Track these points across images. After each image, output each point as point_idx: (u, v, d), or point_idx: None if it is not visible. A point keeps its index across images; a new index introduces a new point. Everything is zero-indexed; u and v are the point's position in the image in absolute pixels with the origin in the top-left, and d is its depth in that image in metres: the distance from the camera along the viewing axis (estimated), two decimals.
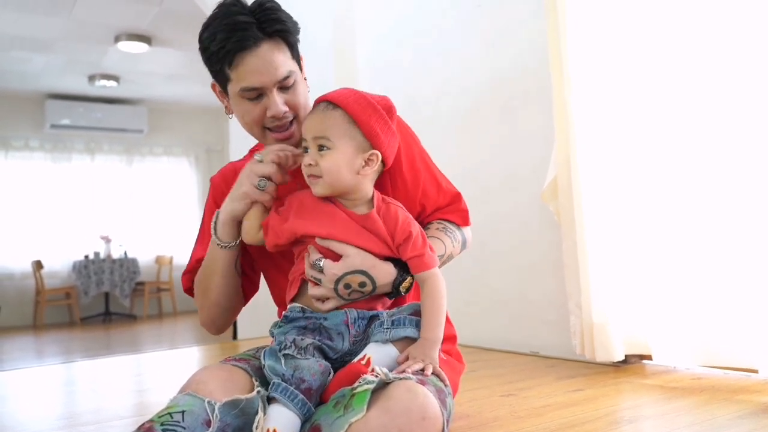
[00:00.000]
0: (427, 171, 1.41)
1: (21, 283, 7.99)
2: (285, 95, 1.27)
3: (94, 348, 5.58)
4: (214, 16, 1.25)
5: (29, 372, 3.15)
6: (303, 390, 1.07)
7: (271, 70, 1.23)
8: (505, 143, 2.85)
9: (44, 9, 5.47)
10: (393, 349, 1.14)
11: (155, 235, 8.82)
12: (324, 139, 1.17)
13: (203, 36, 1.25)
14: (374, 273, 1.17)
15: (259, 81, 1.23)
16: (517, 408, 1.74)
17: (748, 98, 1.95)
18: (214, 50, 1.23)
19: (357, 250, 1.18)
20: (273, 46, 1.23)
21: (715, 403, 1.71)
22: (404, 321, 1.16)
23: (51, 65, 6.97)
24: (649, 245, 2.18)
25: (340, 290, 1.17)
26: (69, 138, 8.42)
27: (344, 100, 1.18)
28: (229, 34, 1.20)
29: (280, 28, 1.24)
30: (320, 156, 1.17)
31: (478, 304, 2.93)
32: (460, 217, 1.46)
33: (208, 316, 1.38)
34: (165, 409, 1.06)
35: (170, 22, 5.88)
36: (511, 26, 2.81)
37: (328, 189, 1.19)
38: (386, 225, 1.20)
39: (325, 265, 1.17)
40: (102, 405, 2.18)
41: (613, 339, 2.19)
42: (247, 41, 1.21)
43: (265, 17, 1.22)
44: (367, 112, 1.18)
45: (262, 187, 1.21)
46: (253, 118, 1.27)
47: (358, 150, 1.18)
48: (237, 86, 1.25)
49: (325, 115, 1.17)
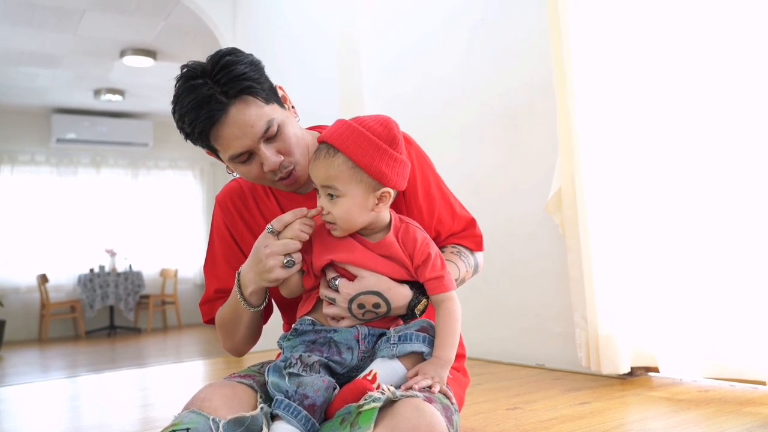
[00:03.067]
0: (443, 197, 1.41)
1: (26, 296, 8.01)
2: (274, 144, 1.25)
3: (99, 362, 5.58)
4: (177, 94, 1.21)
5: (34, 386, 3.15)
6: (306, 406, 1.07)
7: (248, 131, 1.20)
8: (509, 156, 2.86)
9: (51, 25, 5.53)
10: (399, 365, 1.13)
11: (160, 249, 8.83)
12: (331, 188, 1.14)
13: (175, 118, 1.24)
14: (389, 295, 1.18)
15: (243, 145, 1.21)
16: (523, 421, 1.73)
17: (755, 109, 1.95)
18: (189, 132, 1.22)
19: (372, 273, 1.19)
20: (242, 107, 1.19)
21: (722, 416, 1.70)
22: (411, 336, 1.15)
23: (57, 80, 7.03)
24: (655, 257, 2.18)
25: (354, 310, 1.18)
26: (75, 152, 8.47)
27: (344, 142, 1.14)
28: (197, 113, 1.18)
29: (243, 86, 1.19)
30: (332, 204, 1.15)
31: (483, 317, 2.92)
32: (474, 243, 1.46)
33: (233, 348, 1.41)
34: (169, 426, 1.05)
35: (175, 36, 5.93)
36: (516, 41, 2.82)
37: (345, 232, 1.19)
38: (405, 246, 1.20)
39: (341, 284, 1.18)
40: (107, 420, 2.18)
41: (619, 351, 2.18)
42: (214, 114, 1.18)
43: (225, 78, 1.18)
44: (368, 153, 1.14)
45: (291, 265, 1.19)
46: (255, 176, 1.28)
47: (368, 190, 1.16)
48: (225, 155, 1.25)
49: (328, 163, 1.14)
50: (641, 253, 2.21)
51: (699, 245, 2.07)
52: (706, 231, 2.06)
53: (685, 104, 2.11)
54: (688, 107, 2.10)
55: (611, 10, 2.27)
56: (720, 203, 2.02)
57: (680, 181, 2.12)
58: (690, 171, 2.10)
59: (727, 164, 2.01)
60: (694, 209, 2.09)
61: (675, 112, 2.14)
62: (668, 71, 2.15)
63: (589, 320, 2.25)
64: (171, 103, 1.24)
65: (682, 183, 2.12)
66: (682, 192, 2.12)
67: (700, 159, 2.07)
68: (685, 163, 2.11)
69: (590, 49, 2.29)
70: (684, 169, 2.11)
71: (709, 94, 2.05)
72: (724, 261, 2.01)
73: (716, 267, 2.02)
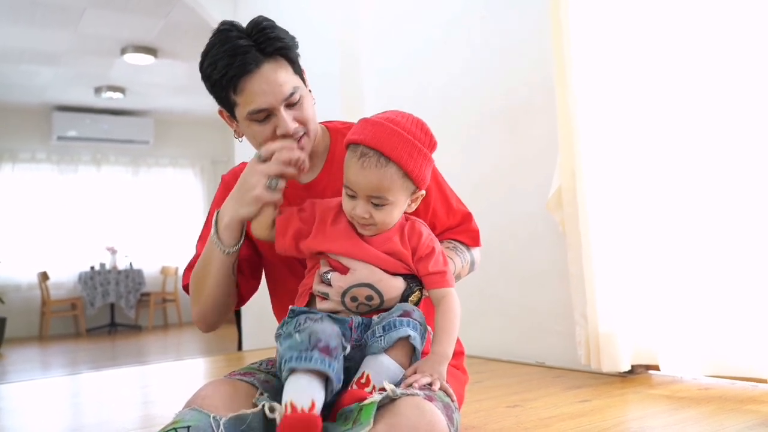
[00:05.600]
0: (439, 190, 1.41)
1: (27, 294, 8.01)
2: (293, 112, 1.26)
3: (99, 359, 5.59)
4: (212, 43, 1.24)
5: (35, 384, 3.15)
6: (320, 348, 1.04)
7: (276, 89, 1.22)
8: (510, 154, 2.86)
9: (52, 23, 5.52)
10: (389, 360, 1.12)
11: (161, 246, 8.83)
12: (381, 198, 1.13)
13: (204, 65, 1.25)
14: (381, 287, 1.18)
15: (266, 102, 1.23)
16: (523, 419, 1.73)
17: (756, 108, 1.95)
18: (217, 78, 1.23)
19: (365, 264, 1.18)
20: (275, 66, 1.23)
21: (723, 414, 1.70)
22: (395, 323, 1.13)
23: (58, 78, 7.03)
24: (655, 255, 2.18)
25: (348, 303, 1.18)
26: (75, 149, 8.47)
27: (395, 151, 1.12)
28: (230, 60, 1.20)
29: (279, 46, 1.23)
30: (376, 211, 1.15)
31: (483, 315, 2.93)
32: (470, 238, 1.45)
33: (200, 312, 1.36)
34: (170, 424, 1.05)
35: (176, 34, 5.93)
36: (516, 40, 2.82)
37: (378, 233, 1.19)
38: (410, 240, 1.21)
39: (333, 278, 1.18)
40: (108, 417, 2.18)
41: (619, 349, 2.18)
42: (248, 65, 1.20)
43: (263, 38, 1.22)
44: (418, 163, 1.14)
45: (273, 186, 1.21)
46: (265, 138, 1.27)
47: (409, 195, 1.18)
48: (245, 110, 1.25)
49: (381, 173, 1.12)
50: (641, 251, 2.21)
51: (699, 243, 2.07)
52: (706, 229, 2.06)
53: (686, 103, 2.11)
54: (688, 106, 2.10)
55: (612, 9, 2.27)
56: (720, 201, 2.02)
57: (680, 179, 2.12)
58: (690, 169, 2.10)
59: (727, 162, 2.01)
60: (694, 207, 2.09)
61: (675, 110, 2.14)
62: (668, 70, 2.15)
63: (590, 318, 2.25)
64: (202, 56, 1.26)
65: (682, 181, 2.12)
66: (682, 190, 2.11)
67: (701, 157, 2.07)
68: (685, 161, 2.11)
69: (590, 48, 2.29)
70: (684, 167, 2.11)
71: (709, 92, 2.05)
72: (725, 259, 2.01)
73: (716, 265, 2.03)
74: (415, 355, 1.16)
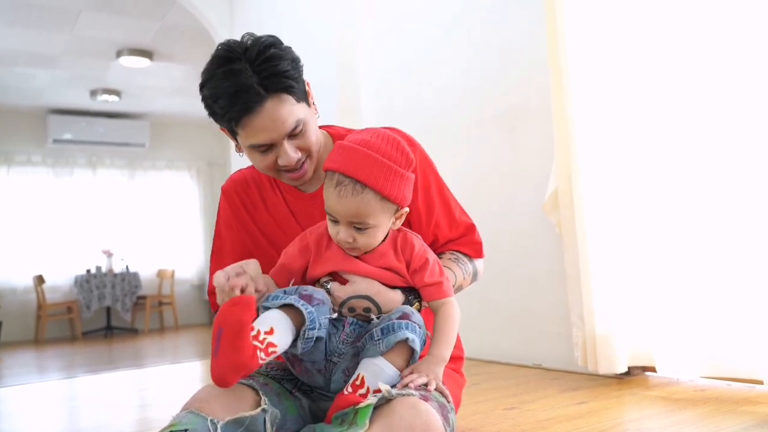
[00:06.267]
0: (442, 201, 1.41)
1: (23, 297, 7.98)
2: (296, 141, 1.26)
3: (96, 362, 5.56)
4: (213, 72, 1.21)
5: (31, 388, 3.14)
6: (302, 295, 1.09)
7: (278, 125, 1.21)
8: (506, 156, 2.86)
9: (47, 25, 5.51)
10: (385, 363, 1.12)
11: (157, 249, 8.81)
12: (362, 223, 1.13)
13: (204, 93, 1.23)
14: (379, 299, 1.18)
15: (268, 138, 1.23)
16: (520, 421, 1.73)
17: (753, 109, 1.96)
18: (218, 113, 1.22)
19: (364, 278, 1.19)
20: (277, 103, 1.20)
21: (719, 415, 1.70)
22: (394, 326, 1.13)
23: (54, 80, 7.01)
24: (651, 256, 2.18)
25: (345, 314, 1.19)
26: (71, 152, 8.45)
27: (370, 176, 1.11)
28: (233, 99, 1.18)
29: (284, 85, 1.20)
30: (359, 233, 1.15)
31: (480, 317, 2.93)
32: (473, 249, 1.45)
33: None
34: (168, 427, 1.05)
35: (172, 36, 5.92)
36: (513, 42, 2.83)
37: (363, 253, 1.20)
38: (403, 253, 1.21)
39: (332, 288, 1.19)
40: (104, 420, 2.17)
41: (616, 351, 2.19)
42: (251, 104, 1.18)
43: (266, 72, 1.18)
44: (395, 184, 1.13)
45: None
46: (266, 166, 1.28)
47: (391, 215, 1.17)
48: (246, 142, 1.25)
49: (358, 201, 1.11)
50: (638, 252, 2.22)
51: (696, 245, 2.08)
52: (702, 231, 2.06)
53: (682, 104, 2.11)
54: (684, 107, 2.11)
55: (608, 11, 2.28)
56: (716, 203, 2.03)
57: (677, 181, 2.13)
58: (687, 170, 2.10)
59: (724, 164, 2.02)
60: (690, 209, 2.09)
61: (672, 112, 2.14)
62: (665, 71, 2.15)
63: (586, 320, 2.25)
64: (202, 76, 1.23)
65: (679, 183, 2.12)
66: (679, 192, 2.12)
67: (697, 158, 2.08)
68: (681, 163, 2.12)
69: (586, 50, 2.30)
70: (681, 168, 2.12)
71: (706, 94, 2.06)
72: (721, 260, 2.01)
73: (713, 266, 2.03)
74: (414, 358, 1.16)
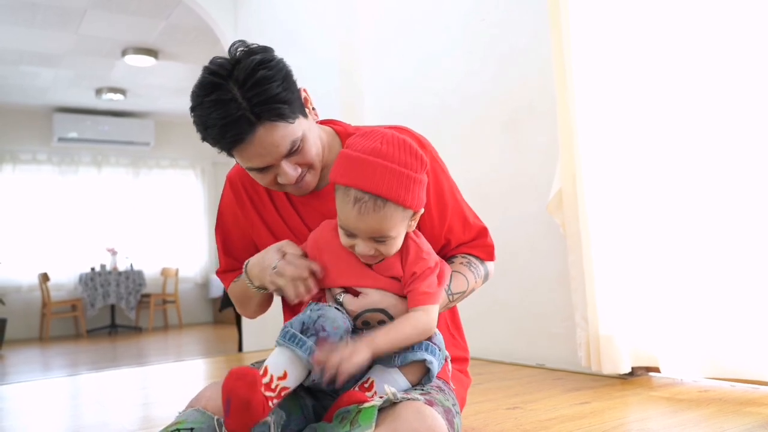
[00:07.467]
0: (455, 205, 1.38)
1: (27, 295, 8.01)
2: (294, 158, 1.22)
3: (100, 360, 5.58)
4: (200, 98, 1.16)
5: (35, 385, 3.15)
6: (318, 340, 1.04)
7: (272, 150, 1.17)
8: (510, 157, 2.86)
9: (52, 24, 5.53)
10: (399, 375, 1.11)
11: (161, 248, 8.84)
12: (384, 237, 1.10)
13: (194, 118, 1.19)
14: (394, 312, 1.15)
15: (263, 162, 1.20)
16: (523, 421, 1.73)
17: (755, 110, 1.95)
18: (210, 141, 1.19)
19: (377, 290, 1.16)
20: (270, 129, 1.15)
21: (723, 416, 1.70)
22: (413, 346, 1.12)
23: (59, 79, 7.04)
24: (655, 257, 2.18)
25: (358, 326, 1.16)
26: (76, 151, 8.48)
27: (389, 190, 1.06)
28: (222, 130, 1.14)
29: (276, 112, 1.14)
30: (380, 245, 1.11)
31: (484, 317, 2.93)
32: (485, 252, 1.43)
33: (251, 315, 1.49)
34: (173, 424, 1.06)
35: (177, 36, 5.94)
36: (516, 42, 2.83)
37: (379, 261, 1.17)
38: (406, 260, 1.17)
39: (345, 301, 1.16)
40: (108, 418, 2.18)
41: (619, 351, 2.18)
42: (242, 134, 1.14)
43: (256, 99, 1.12)
44: (415, 191, 1.09)
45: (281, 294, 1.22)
46: (267, 183, 1.26)
47: (408, 220, 1.14)
48: (243, 165, 1.23)
49: (381, 216, 1.07)
50: (642, 253, 2.21)
51: (699, 245, 2.07)
52: (706, 231, 2.06)
53: (686, 105, 2.11)
54: (688, 108, 2.10)
55: (611, 12, 2.27)
56: (720, 204, 2.02)
57: (680, 182, 2.12)
58: (690, 172, 2.10)
59: (727, 165, 2.01)
60: (694, 210, 2.09)
61: (675, 113, 2.14)
62: (668, 72, 2.15)
63: (590, 320, 2.25)
64: (191, 99, 1.19)
65: (683, 184, 2.12)
66: (683, 192, 2.12)
67: (701, 160, 2.07)
68: (685, 164, 2.11)
69: (590, 50, 2.29)
70: (684, 169, 2.11)
71: (709, 95, 2.05)
72: (725, 261, 2.01)
73: (717, 267, 2.03)
74: (428, 377, 1.14)
